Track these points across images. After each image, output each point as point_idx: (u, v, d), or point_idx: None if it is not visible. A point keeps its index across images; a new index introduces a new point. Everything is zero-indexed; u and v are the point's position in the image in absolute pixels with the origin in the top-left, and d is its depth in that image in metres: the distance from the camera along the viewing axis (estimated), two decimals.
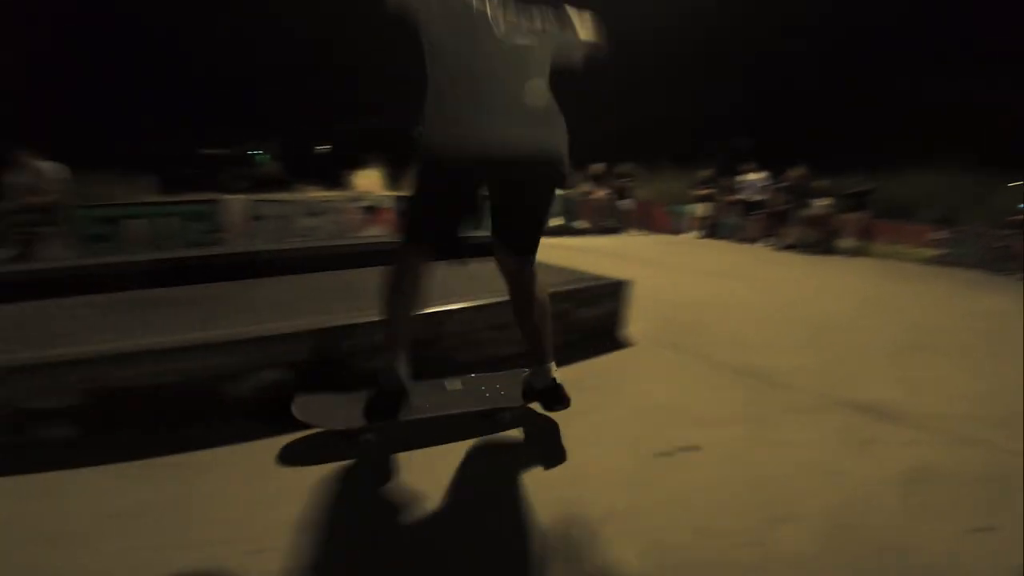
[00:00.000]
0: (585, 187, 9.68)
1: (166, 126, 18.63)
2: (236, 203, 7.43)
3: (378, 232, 7.60)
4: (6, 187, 6.21)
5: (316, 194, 10.34)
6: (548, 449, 1.72)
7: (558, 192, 1.87)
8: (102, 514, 1.35)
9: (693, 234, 8.89)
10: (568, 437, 1.78)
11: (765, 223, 8.01)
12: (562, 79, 1.70)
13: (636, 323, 2.80)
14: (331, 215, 7.94)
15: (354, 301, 2.31)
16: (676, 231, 9.41)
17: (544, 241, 1.77)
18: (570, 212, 9.37)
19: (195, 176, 15.56)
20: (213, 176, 17.25)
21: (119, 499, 1.41)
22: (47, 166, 6.40)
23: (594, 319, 2.66)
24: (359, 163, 12.91)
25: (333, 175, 12.24)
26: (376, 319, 2.03)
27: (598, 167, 9.86)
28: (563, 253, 4.65)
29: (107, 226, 6.52)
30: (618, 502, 1.44)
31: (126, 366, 1.70)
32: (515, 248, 1.70)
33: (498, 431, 1.84)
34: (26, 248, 6.01)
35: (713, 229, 8.75)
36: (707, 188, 9.16)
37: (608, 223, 9.26)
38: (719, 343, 2.73)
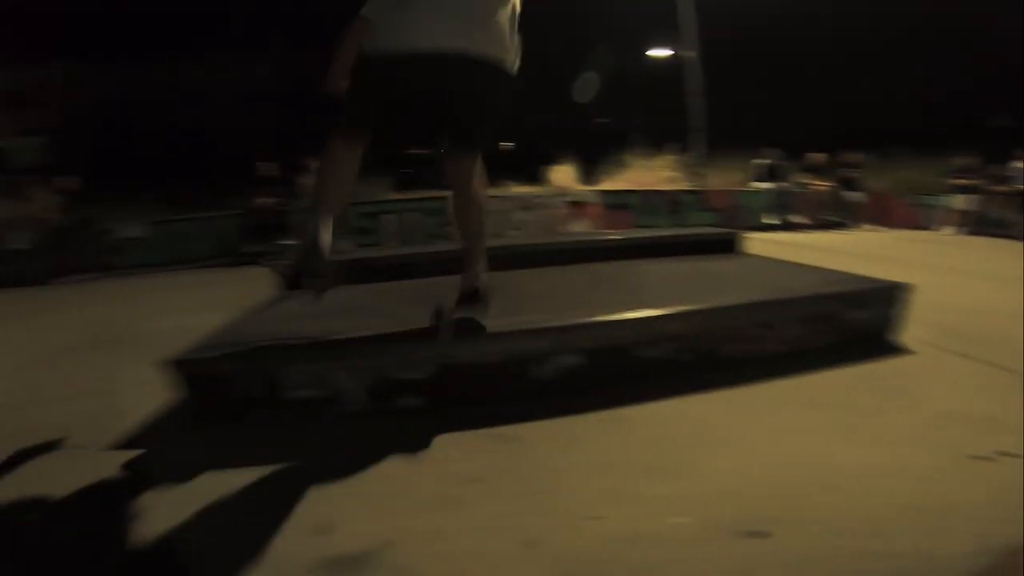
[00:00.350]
0: (803, 178, 8.89)
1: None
2: None
3: (588, 227, 8.00)
4: (301, 188, 7.93)
5: (518, 189, 11.10)
6: (847, 443, 1.76)
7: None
8: (459, 479, 1.66)
9: (949, 230, 7.59)
10: (865, 435, 1.79)
11: None
12: (779, 62, 1.68)
13: (909, 328, 2.62)
14: (540, 210, 8.54)
15: (626, 295, 2.58)
16: (922, 226, 8.13)
17: (763, 237, 1.78)
18: (785, 205, 8.69)
19: (412, 175, 17.57)
20: (422, 175, 19.36)
21: (466, 465, 1.73)
22: None
23: (865, 322, 2.55)
24: (553, 159, 13.49)
25: (529, 171, 12.94)
26: (660, 314, 2.27)
27: (818, 156, 8.97)
28: (793, 251, 4.40)
29: (369, 220, 7.93)
30: (936, 496, 1.44)
31: (468, 346, 2.10)
32: (460, 145, 1.85)
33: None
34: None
35: (977, 225, 7.37)
36: (969, 177, 7.73)
37: (831, 217, 8.39)
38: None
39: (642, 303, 2.34)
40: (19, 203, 8.42)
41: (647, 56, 15.07)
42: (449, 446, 1.87)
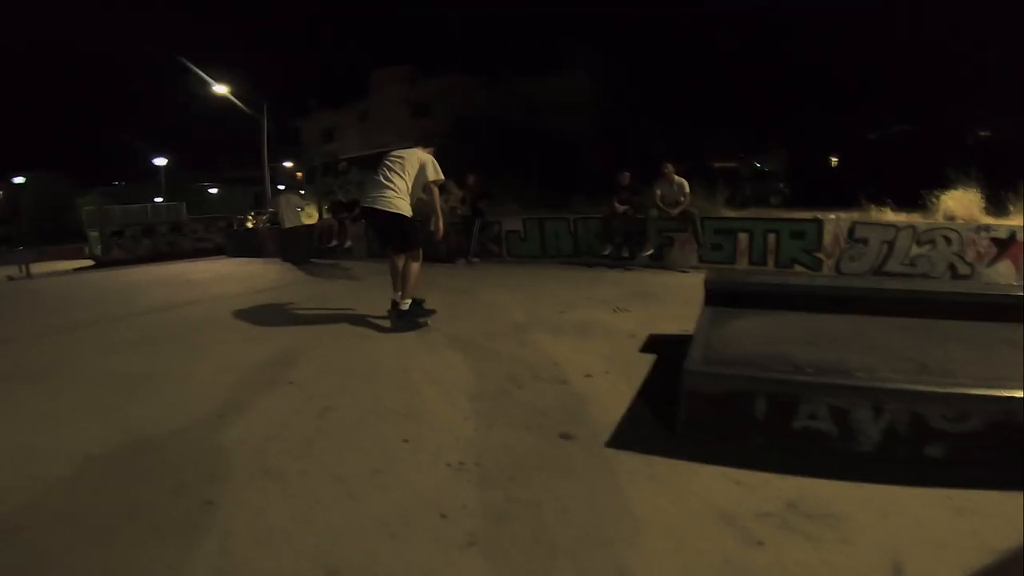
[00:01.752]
0: None
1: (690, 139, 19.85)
2: (835, 223, 7.34)
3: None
4: (656, 196, 8.02)
5: (895, 216, 9.23)
6: None
7: None
8: None
9: None
10: None
11: None
12: None
13: None
14: (941, 244, 6.85)
15: None
16: None
17: None
18: None
19: (736, 193, 16.31)
20: (743, 192, 17.92)
21: None
22: (682, 180, 7.89)
23: None
24: (944, 181, 10.85)
25: (905, 194, 10.68)
26: None
27: None
28: None
29: (722, 237, 7.60)
30: None
31: None
32: (395, 249, 4.25)
33: None
34: (661, 251, 7.72)
35: None
36: None
37: None
38: None
39: None
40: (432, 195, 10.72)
41: None
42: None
